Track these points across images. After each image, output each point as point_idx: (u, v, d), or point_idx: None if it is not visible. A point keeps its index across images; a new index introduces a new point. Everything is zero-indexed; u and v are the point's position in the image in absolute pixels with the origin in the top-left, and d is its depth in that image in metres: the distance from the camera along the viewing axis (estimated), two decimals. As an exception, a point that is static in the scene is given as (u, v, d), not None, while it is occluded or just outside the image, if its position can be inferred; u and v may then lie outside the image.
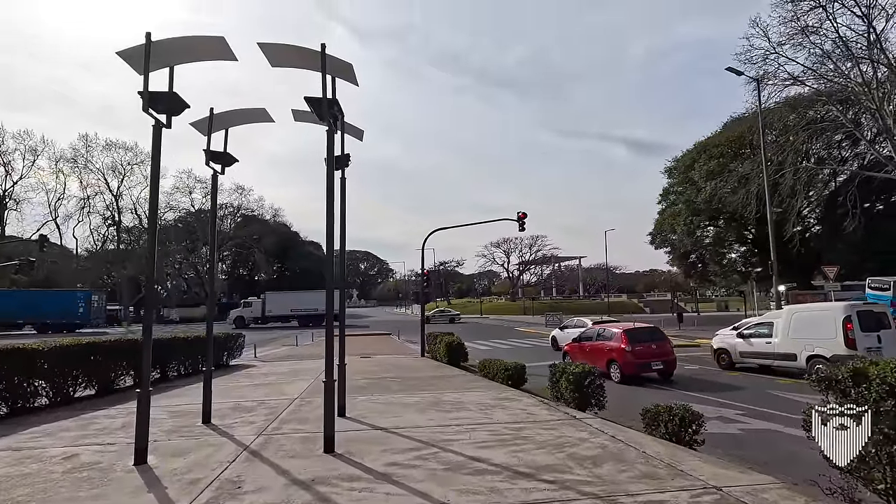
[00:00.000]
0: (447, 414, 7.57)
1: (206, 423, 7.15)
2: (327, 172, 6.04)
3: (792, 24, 23.05)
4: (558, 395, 8.56)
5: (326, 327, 5.71)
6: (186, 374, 13.77)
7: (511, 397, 9.06)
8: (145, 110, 5.41)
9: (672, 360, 12.54)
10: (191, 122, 7.48)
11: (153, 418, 7.62)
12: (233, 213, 73.12)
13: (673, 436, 5.80)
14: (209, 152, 7.44)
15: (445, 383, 11.08)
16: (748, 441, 7.12)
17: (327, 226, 5.91)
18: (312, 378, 12.38)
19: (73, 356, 9.39)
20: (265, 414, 7.82)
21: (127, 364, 11.10)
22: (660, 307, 68.01)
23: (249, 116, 7.91)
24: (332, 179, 6.01)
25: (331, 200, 5.93)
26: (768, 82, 24.41)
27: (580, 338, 14.56)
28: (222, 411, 8.04)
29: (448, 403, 8.48)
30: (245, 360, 18.30)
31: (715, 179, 29.98)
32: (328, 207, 5.90)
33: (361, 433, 6.43)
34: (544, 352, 20.79)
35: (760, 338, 12.94)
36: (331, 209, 5.90)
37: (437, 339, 16.80)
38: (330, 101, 5.87)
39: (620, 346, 12.44)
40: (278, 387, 11.03)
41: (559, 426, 6.58)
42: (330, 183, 5.98)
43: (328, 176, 6.02)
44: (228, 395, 9.82)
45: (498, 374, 11.03)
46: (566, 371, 8.18)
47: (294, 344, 26.49)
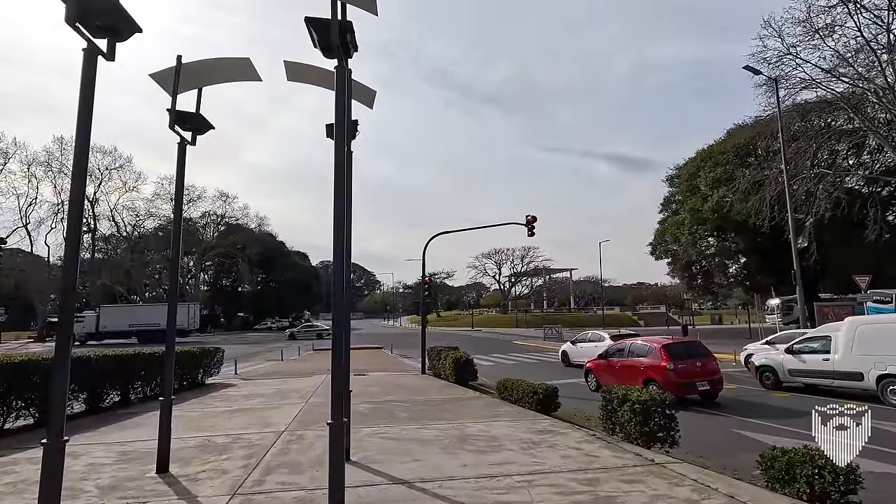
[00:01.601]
0: (483, 456, 5.82)
1: (161, 472, 5.29)
2: (336, 137, 4.27)
3: (805, 24, 22.16)
4: (612, 428, 6.88)
5: (333, 345, 3.96)
6: (152, 395, 11.75)
7: (552, 429, 7.33)
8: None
9: (719, 379, 10.93)
10: (151, 73, 5.77)
11: (91, 464, 5.74)
12: (216, 222, 70.49)
13: (821, 498, 4.13)
14: (175, 113, 5.68)
15: (462, 409, 9.31)
16: (887, 493, 5.42)
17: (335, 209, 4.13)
18: (302, 401, 10.51)
19: None
20: (243, 457, 5.97)
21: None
22: (654, 320, 66.78)
23: (230, 71, 6.19)
24: (342, 147, 4.23)
25: (340, 176, 4.16)
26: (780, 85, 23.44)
27: (607, 354, 12.90)
28: (186, 452, 6.17)
29: (477, 439, 6.72)
30: (224, 377, 16.29)
31: (722, 187, 28.86)
32: (336, 185, 4.13)
33: (378, 491, 4.64)
34: (555, 368, 19.08)
35: (814, 354, 11.42)
36: (340, 187, 4.14)
37: (440, 354, 15.03)
38: (342, 23, 4.16)
39: (660, 363, 10.80)
40: (261, 414, 9.14)
41: (643, 477, 4.87)
42: (340, 157, 4.17)
43: (337, 144, 4.24)
44: (198, 427, 7.93)
45: (524, 398, 9.28)
46: (628, 398, 6.51)
47: (279, 358, 24.41)
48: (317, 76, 6.22)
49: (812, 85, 23.72)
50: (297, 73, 6.25)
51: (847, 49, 22.70)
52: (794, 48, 22.81)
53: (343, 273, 4.41)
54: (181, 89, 5.68)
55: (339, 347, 4.05)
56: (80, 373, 9.23)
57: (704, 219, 31.68)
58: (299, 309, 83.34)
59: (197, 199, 65.28)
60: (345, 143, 4.38)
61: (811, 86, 23.52)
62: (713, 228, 32.17)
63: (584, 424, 8.30)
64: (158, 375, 12.00)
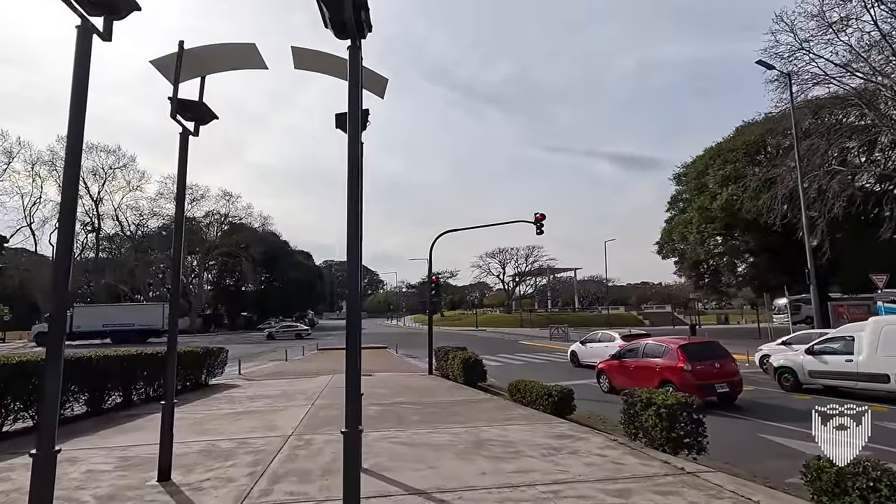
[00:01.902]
0: (502, 463, 5.50)
1: (162, 480, 5.00)
2: (350, 124, 3.92)
3: (818, 18, 21.74)
4: (635, 433, 6.56)
5: (347, 348, 3.65)
6: (155, 396, 11.48)
7: (571, 434, 7.01)
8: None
9: (738, 381, 10.58)
10: (151, 59, 5.47)
11: (90, 470, 5.45)
12: (219, 221, 70.26)
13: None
14: (176, 101, 5.37)
15: (474, 411, 9.00)
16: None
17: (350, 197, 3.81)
18: (308, 403, 10.22)
19: None
20: (249, 463, 5.67)
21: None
22: (659, 320, 66.32)
23: (234, 57, 5.88)
24: (356, 137, 3.89)
25: (354, 168, 3.83)
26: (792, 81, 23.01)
27: (620, 354, 12.56)
28: (189, 458, 5.88)
29: (493, 444, 6.40)
30: (227, 377, 16.03)
31: (732, 185, 28.43)
32: (350, 177, 3.79)
33: (394, 502, 4.34)
34: (562, 369, 18.74)
35: (836, 355, 11.05)
36: (354, 179, 3.80)
37: (448, 354, 14.72)
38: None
39: (677, 364, 10.46)
40: (267, 416, 8.85)
41: (678, 489, 4.55)
42: (353, 149, 3.82)
43: (350, 133, 3.88)
44: (202, 430, 7.64)
45: (538, 401, 8.96)
46: (652, 401, 6.18)
47: (283, 359, 24.15)
48: (326, 63, 5.88)
49: (825, 80, 23.31)
50: (304, 60, 5.91)
51: (861, 44, 22.30)
52: (806, 43, 22.43)
53: (355, 271, 4.09)
54: (183, 77, 5.37)
55: (353, 350, 3.74)
56: (81, 373, 8.98)
57: (713, 217, 31.24)
58: (303, 308, 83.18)
59: (200, 199, 65.16)
60: (358, 132, 4.05)
61: (824, 81, 23.11)
62: (722, 227, 31.71)
63: (603, 428, 7.99)
64: (161, 376, 11.75)
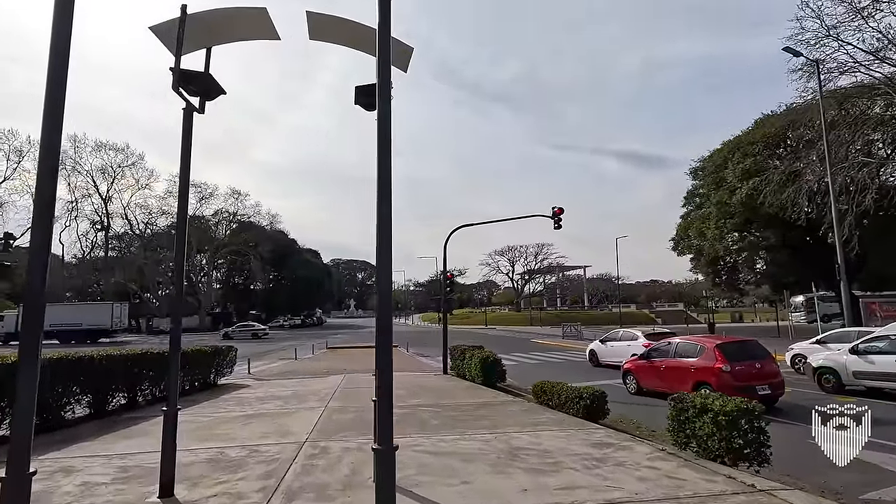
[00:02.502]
0: (542, 477, 4.89)
1: (164, 496, 4.45)
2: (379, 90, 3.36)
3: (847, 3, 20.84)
4: (685, 441, 5.92)
5: (378, 354, 3.07)
6: (161, 397, 10.98)
7: (610, 441, 6.39)
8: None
9: (780, 382, 9.89)
10: (151, 25, 4.92)
11: (86, 483, 4.92)
12: (228, 219, 70.15)
13: None
14: (179, 72, 4.82)
15: (499, 415, 8.39)
16: None
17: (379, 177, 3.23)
18: (321, 405, 9.67)
19: None
20: (260, 475, 5.11)
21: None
22: (671, 318, 65.20)
23: (243, 26, 5.31)
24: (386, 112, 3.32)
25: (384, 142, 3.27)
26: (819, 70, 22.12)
27: (649, 354, 11.89)
28: (195, 469, 5.33)
29: (528, 453, 5.80)
30: (237, 376, 15.56)
31: (753, 178, 27.51)
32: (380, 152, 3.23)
33: (427, 527, 3.75)
34: (580, 368, 18.07)
35: (884, 354, 10.32)
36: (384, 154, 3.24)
37: (465, 353, 14.12)
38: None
39: (714, 365, 9.78)
40: (278, 420, 8.30)
41: (756, 511, 3.92)
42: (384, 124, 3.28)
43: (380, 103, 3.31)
44: (209, 435, 7.11)
45: (568, 404, 8.34)
46: (708, 407, 5.55)
47: (292, 357, 23.69)
48: (344, 31, 5.34)
49: (852, 69, 22.39)
50: (320, 28, 5.31)
51: (891, 30, 21.37)
52: (833, 29, 21.54)
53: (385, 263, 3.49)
54: (186, 47, 4.88)
55: (384, 361, 3.19)
56: (83, 374, 8.53)
57: (732, 212, 30.33)
58: (311, 307, 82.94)
59: (209, 197, 65.05)
60: (388, 100, 3.46)
61: (852, 70, 22.18)
62: (741, 222, 30.77)
63: (640, 434, 7.36)
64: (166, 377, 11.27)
